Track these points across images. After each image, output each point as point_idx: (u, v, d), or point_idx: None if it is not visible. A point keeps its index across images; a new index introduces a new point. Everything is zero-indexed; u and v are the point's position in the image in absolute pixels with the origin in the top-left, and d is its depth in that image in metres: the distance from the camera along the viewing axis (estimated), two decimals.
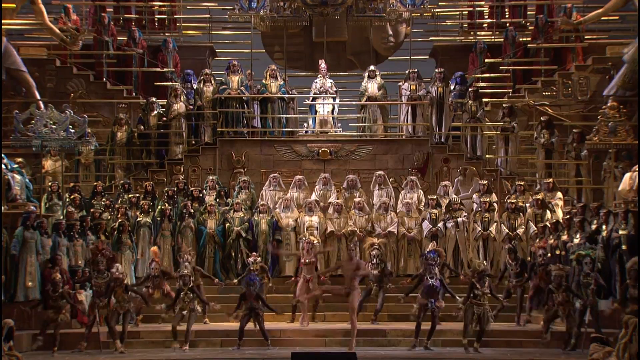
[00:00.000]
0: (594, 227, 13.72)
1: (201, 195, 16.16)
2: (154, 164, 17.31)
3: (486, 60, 18.69)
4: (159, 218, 15.59)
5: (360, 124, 18.09)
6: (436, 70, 18.06)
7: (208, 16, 20.08)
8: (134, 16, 19.50)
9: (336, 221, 15.81)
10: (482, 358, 11.93)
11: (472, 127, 17.34)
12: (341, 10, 18.09)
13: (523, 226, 15.35)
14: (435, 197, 15.96)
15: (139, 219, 15.50)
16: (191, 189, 16.30)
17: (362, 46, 19.58)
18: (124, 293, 12.46)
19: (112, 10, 19.54)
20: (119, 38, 18.79)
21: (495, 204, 15.80)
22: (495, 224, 15.50)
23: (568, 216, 14.39)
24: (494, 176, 16.83)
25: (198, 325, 13.24)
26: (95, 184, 16.25)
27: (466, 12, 19.93)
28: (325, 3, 17.84)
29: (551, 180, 15.93)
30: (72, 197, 15.51)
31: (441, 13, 19.83)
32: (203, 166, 17.22)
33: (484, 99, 17.83)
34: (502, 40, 18.90)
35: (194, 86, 17.90)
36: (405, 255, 15.72)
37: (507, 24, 19.10)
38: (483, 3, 19.70)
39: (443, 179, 16.82)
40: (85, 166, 17.08)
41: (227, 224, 15.67)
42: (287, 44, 18.84)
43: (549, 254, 13.63)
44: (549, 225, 14.49)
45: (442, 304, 12.26)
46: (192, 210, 15.69)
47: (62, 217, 14.65)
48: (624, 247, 12.96)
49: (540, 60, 18.38)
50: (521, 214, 15.47)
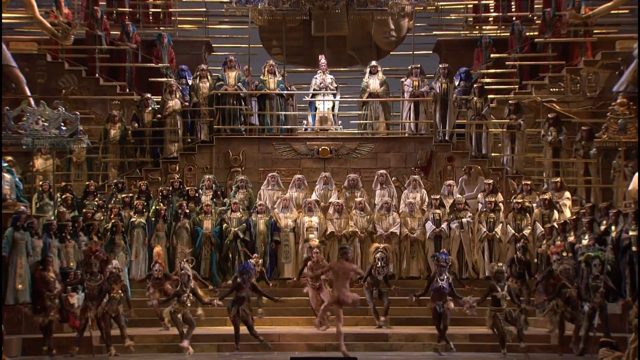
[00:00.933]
0: (603, 228, 13.68)
1: (197, 194, 16.17)
2: (149, 163, 17.31)
3: (492, 55, 18.67)
4: (154, 218, 15.60)
5: (361, 122, 18.07)
6: (440, 65, 18.06)
7: (204, 10, 20.09)
8: (128, 10, 19.48)
9: (337, 222, 15.82)
10: None
11: (477, 125, 17.32)
12: (342, 3, 18.11)
13: (530, 227, 15.34)
14: (438, 197, 15.95)
15: (133, 220, 15.50)
16: (187, 189, 16.31)
17: (364, 41, 19.56)
18: (122, 291, 12.45)
19: (105, 3, 19.50)
20: (112, 32, 18.78)
21: (501, 204, 15.80)
22: (501, 225, 15.50)
23: (574, 217, 14.35)
24: (500, 175, 16.83)
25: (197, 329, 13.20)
26: (87, 184, 16.24)
27: (471, 6, 19.94)
28: None
29: (559, 179, 15.91)
30: (64, 197, 15.50)
31: (445, 6, 19.76)
32: (199, 165, 17.22)
33: (490, 96, 17.81)
34: (508, 34, 18.90)
35: (190, 82, 17.90)
36: (407, 257, 15.73)
37: (514, 18, 19.09)
38: None
39: (447, 178, 16.84)
40: (77, 165, 17.07)
41: (224, 225, 15.67)
42: (286, 39, 18.84)
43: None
44: (557, 226, 14.47)
45: (451, 305, 12.24)
46: (188, 210, 15.70)
47: (54, 218, 14.61)
48: (634, 249, 12.92)
49: (547, 55, 18.38)
50: (528, 215, 15.46)
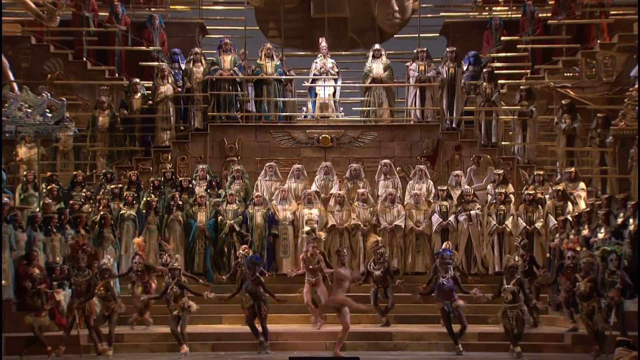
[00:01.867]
0: (620, 221, 13.63)
1: (190, 185, 16.15)
2: (139, 152, 17.30)
3: (502, 38, 18.66)
4: (145, 211, 15.55)
5: (364, 108, 18.05)
6: (447, 49, 18.01)
7: None
8: None
9: (338, 214, 15.77)
10: None
11: (487, 112, 17.30)
12: None
13: (542, 220, 15.29)
14: (446, 188, 15.90)
15: (123, 212, 15.45)
16: (180, 179, 16.28)
17: (366, 23, 19.50)
18: (113, 288, 12.39)
19: None
20: (101, 14, 18.74)
21: (511, 196, 15.76)
22: (511, 218, 15.45)
23: (589, 209, 14.30)
24: (511, 165, 16.80)
25: (188, 327, 13.12)
26: (74, 174, 16.21)
27: None
28: None
29: (573, 169, 15.87)
30: (49, 188, 15.44)
31: None
32: (192, 154, 17.19)
33: (500, 81, 17.80)
34: (520, 16, 18.86)
35: (183, 67, 17.87)
36: (413, 251, 15.69)
37: None
38: None
39: (454, 168, 16.81)
40: (63, 154, 17.04)
41: (219, 217, 15.64)
42: (284, 21, 18.82)
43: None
44: (571, 218, 14.41)
45: (461, 303, 12.18)
46: (181, 202, 15.66)
47: (39, 210, 14.58)
48: None
49: (561, 38, 18.36)
50: (540, 207, 15.43)
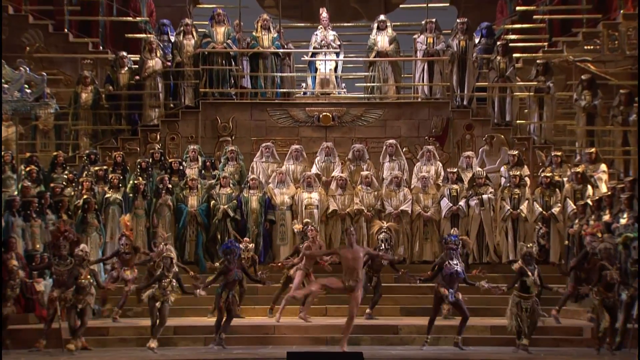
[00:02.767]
0: None
1: (181, 167, 16.13)
2: (125, 131, 17.25)
3: (517, 8, 18.59)
4: (131, 194, 15.54)
5: (368, 84, 17.99)
6: (458, 20, 17.92)
7: None
8: None
9: (340, 198, 15.75)
10: (511, 359, 11.83)
11: (501, 88, 17.24)
12: None
13: (560, 204, 15.27)
14: (456, 171, 15.87)
15: (108, 196, 15.44)
16: (169, 161, 16.26)
17: None
18: (90, 276, 12.32)
19: None
20: None
21: (527, 179, 15.72)
22: (526, 202, 15.42)
23: (611, 192, 14.28)
24: (526, 145, 16.78)
25: (177, 320, 13.13)
26: (55, 154, 16.15)
27: None
28: None
29: (594, 150, 15.82)
30: (28, 170, 15.36)
31: None
32: (183, 134, 17.17)
33: (515, 55, 17.72)
34: None
35: (172, 39, 17.78)
36: (420, 238, 15.68)
37: None
38: None
39: (465, 149, 16.78)
40: (43, 133, 16.98)
41: (212, 202, 15.63)
42: None
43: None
44: (591, 203, 14.37)
45: (459, 296, 12.18)
46: (170, 185, 15.65)
47: (17, 193, 14.57)
48: None
49: (581, 8, 18.24)
50: (557, 190, 15.40)
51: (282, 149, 16.71)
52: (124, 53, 17.55)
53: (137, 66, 17.47)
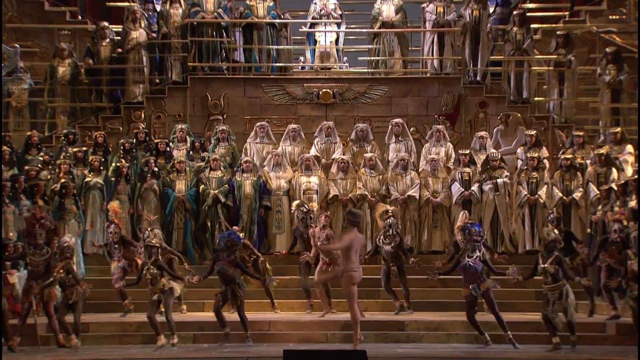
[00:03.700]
0: None
1: (168, 149, 16.14)
2: (107, 109, 17.25)
3: None
4: (113, 178, 15.53)
5: (372, 58, 17.96)
6: None
7: None
8: None
9: (341, 183, 15.76)
10: (528, 357, 11.83)
11: (517, 62, 17.24)
12: None
13: (581, 189, 15.27)
14: (468, 152, 15.87)
15: (88, 180, 15.44)
16: (155, 141, 16.28)
17: None
18: (77, 270, 12.32)
19: None
20: None
21: (545, 161, 15.73)
22: (545, 187, 15.41)
23: (637, 176, 14.26)
24: (545, 125, 16.79)
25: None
26: (29, 134, 16.14)
27: None
28: None
29: (619, 129, 15.81)
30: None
31: None
32: (170, 112, 17.17)
33: (533, 25, 17.72)
34: None
35: (158, 8, 17.79)
36: (429, 226, 15.70)
37: None
38: None
39: (479, 129, 16.79)
40: (17, 111, 16.97)
41: (201, 186, 15.63)
42: None
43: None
44: (616, 187, 14.34)
45: (489, 283, 12.11)
46: (156, 168, 15.64)
47: None
48: None
49: None
50: (579, 174, 15.40)
51: (278, 129, 16.71)
52: (105, 23, 17.51)
53: (120, 38, 17.45)
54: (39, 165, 15.45)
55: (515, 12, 17.45)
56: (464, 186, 15.54)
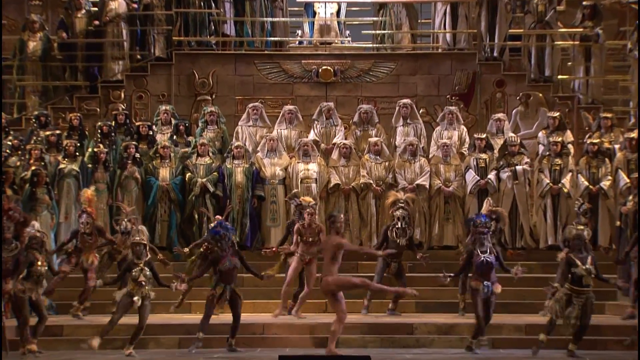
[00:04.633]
0: None
1: (150, 132, 16.16)
2: (82, 88, 17.27)
3: None
4: (90, 165, 15.54)
5: (377, 32, 18.01)
6: None
7: None
8: None
9: (343, 170, 15.81)
10: None
11: (539, 36, 17.25)
12: None
13: (610, 177, 15.30)
14: (484, 137, 15.89)
15: (62, 167, 15.45)
16: (136, 124, 16.31)
17: None
18: (46, 262, 12.29)
19: None
20: None
21: (570, 146, 15.77)
22: (570, 174, 15.46)
23: None
24: (569, 106, 16.84)
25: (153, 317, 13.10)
26: None
27: None
28: None
29: None
30: None
31: None
32: (152, 91, 17.23)
33: None
34: None
35: None
36: (440, 219, 15.75)
37: None
38: None
39: (496, 110, 16.86)
40: None
41: (188, 174, 15.64)
42: None
43: None
44: None
45: (499, 289, 12.10)
46: (138, 154, 15.65)
47: None
48: None
49: None
50: (607, 160, 15.46)
51: (273, 111, 16.77)
52: None
53: (97, 9, 17.48)
54: (7, 150, 15.39)
55: None
56: (480, 174, 15.56)
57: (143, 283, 12.08)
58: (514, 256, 13.71)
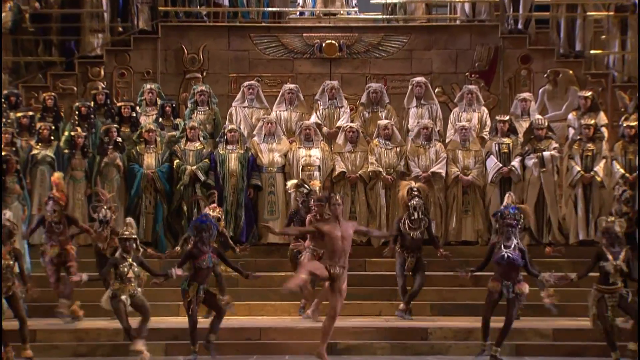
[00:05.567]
0: None
1: (134, 114, 16.20)
2: (58, 64, 17.39)
3: None
4: (67, 150, 15.59)
5: (387, 1, 18.07)
6: None
7: None
8: None
9: (349, 157, 15.85)
10: None
11: (568, 6, 17.34)
12: None
13: None
14: (507, 119, 15.88)
15: (35, 152, 15.50)
16: (118, 105, 16.34)
17: None
18: (11, 257, 12.29)
19: None
20: None
21: (604, 129, 15.76)
22: (603, 161, 15.48)
23: None
24: (603, 84, 16.94)
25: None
26: None
27: None
28: None
29: None
30: None
31: None
32: (136, 68, 17.35)
33: None
34: None
35: None
36: (458, 211, 15.78)
37: None
38: None
39: (521, 90, 16.91)
40: None
41: (176, 161, 15.69)
42: None
43: None
44: None
45: (526, 289, 12.07)
46: (120, 138, 15.67)
47: None
48: None
49: None
50: None
51: (271, 90, 16.87)
52: None
53: None
54: None
55: None
56: (502, 161, 15.58)
57: (132, 279, 12.13)
58: (554, 252, 13.62)
